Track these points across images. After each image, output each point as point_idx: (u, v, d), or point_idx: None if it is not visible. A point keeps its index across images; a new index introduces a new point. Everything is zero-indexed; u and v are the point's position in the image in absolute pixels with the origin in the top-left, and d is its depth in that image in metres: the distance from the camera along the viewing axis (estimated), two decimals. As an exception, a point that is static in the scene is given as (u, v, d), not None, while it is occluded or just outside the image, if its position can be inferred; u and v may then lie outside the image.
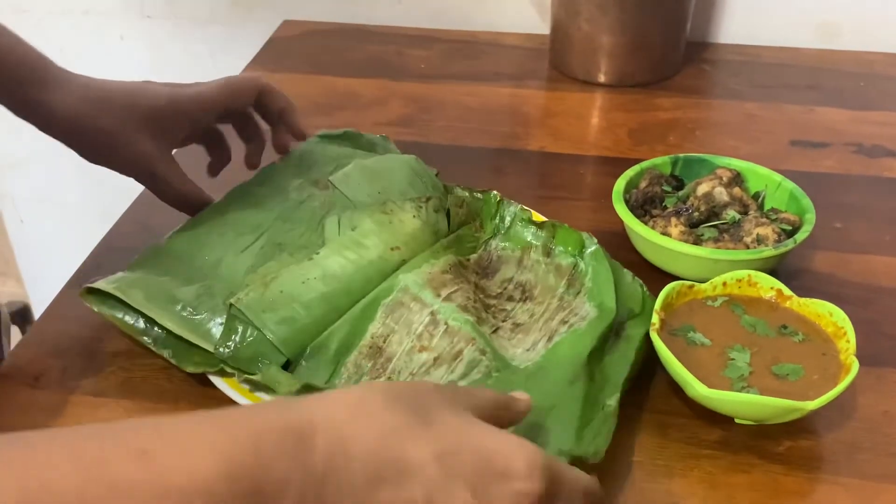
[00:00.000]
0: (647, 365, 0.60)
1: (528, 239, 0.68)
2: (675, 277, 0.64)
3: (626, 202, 0.70)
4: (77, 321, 0.65)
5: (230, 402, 0.57)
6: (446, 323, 0.60)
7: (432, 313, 0.60)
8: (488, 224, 0.70)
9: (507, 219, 0.69)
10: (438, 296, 0.61)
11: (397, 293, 0.61)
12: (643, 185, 0.72)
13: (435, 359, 0.58)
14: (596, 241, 0.65)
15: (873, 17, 1.05)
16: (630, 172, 0.72)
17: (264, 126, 0.73)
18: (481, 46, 1.08)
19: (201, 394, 0.58)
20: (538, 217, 0.70)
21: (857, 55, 1.04)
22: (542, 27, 1.10)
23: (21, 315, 1.59)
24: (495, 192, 0.70)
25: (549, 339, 0.61)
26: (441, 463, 0.38)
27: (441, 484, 0.38)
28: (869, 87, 0.98)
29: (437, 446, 0.39)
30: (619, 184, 0.71)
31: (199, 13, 1.18)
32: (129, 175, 0.66)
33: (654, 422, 0.58)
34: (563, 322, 0.62)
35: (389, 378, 0.58)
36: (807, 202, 0.69)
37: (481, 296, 0.64)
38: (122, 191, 0.78)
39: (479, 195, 0.71)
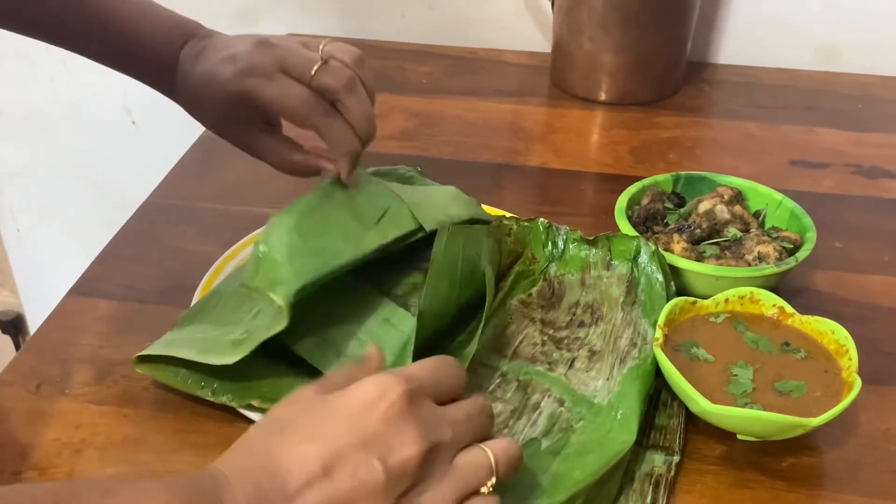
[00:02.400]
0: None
1: (586, 258, 0.68)
2: (678, 293, 0.64)
3: (629, 219, 0.70)
4: (79, 329, 0.65)
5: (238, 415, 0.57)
6: (517, 379, 0.59)
7: (502, 374, 0.60)
8: (541, 252, 0.69)
9: (560, 243, 0.69)
10: (504, 356, 0.61)
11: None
12: (645, 202, 0.73)
13: (512, 411, 0.57)
14: (652, 247, 0.65)
15: (871, 41, 1.06)
16: (632, 189, 0.73)
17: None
18: (482, 63, 1.09)
19: (203, 402, 0.58)
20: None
21: (854, 77, 1.05)
22: (543, 45, 1.11)
23: (14, 324, 1.58)
24: (543, 218, 0.70)
25: (622, 361, 0.60)
26: (315, 438, 0.42)
27: (326, 450, 0.42)
28: (867, 109, 0.99)
29: (303, 426, 0.43)
30: (622, 200, 0.71)
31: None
32: (246, 152, 0.66)
33: (657, 437, 0.58)
34: (633, 344, 0.61)
35: None
36: (807, 221, 0.69)
37: (550, 331, 0.63)
38: (120, 202, 0.78)
39: (526, 223, 0.70)
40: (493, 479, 0.45)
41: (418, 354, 0.60)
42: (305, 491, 0.41)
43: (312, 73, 0.59)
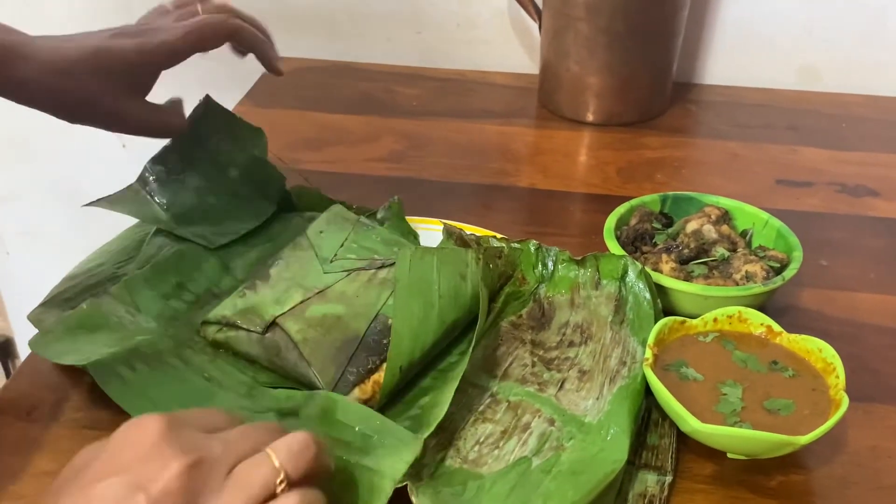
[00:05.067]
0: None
1: (575, 278, 0.68)
2: (667, 313, 0.65)
3: (617, 239, 0.71)
4: (70, 354, 0.65)
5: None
6: (507, 400, 0.59)
7: (492, 395, 0.60)
8: (531, 274, 0.70)
9: (550, 264, 0.70)
10: (494, 377, 0.61)
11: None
12: (633, 222, 0.73)
13: (502, 432, 0.57)
14: (639, 266, 0.66)
15: (851, 61, 1.08)
16: (620, 210, 0.73)
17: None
18: (470, 85, 1.10)
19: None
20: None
21: (837, 97, 1.07)
22: (531, 67, 1.12)
23: (3, 348, 1.58)
24: (533, 240, 0.71)
25: (612, 380, 0.60)
26: (75, 488, 0.41)
27: (85, 498, 0.40)
28: (850, 128, 1.01)
29: (69, 481, 0.42)
30: (610, 221, 0.72)
31: (191, 49, 1.19)
32: (110, 130, 0.67)
33: (648, 456, 0.58)
34: (622, 363, 0.61)
35: (456, 447, 0.56)
36: (794, 240, 0.70)
37: (540, 352, 0.64)
38: (108, 225, 0.78)
39: (516, 245, 0.71)
40: (282, 477, 0.42)
41: (410, 374, 0.60)
42: None
43: (200, 8, 0.69)
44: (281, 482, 0.42)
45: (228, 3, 0.69)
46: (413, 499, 0.50)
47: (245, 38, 0.69)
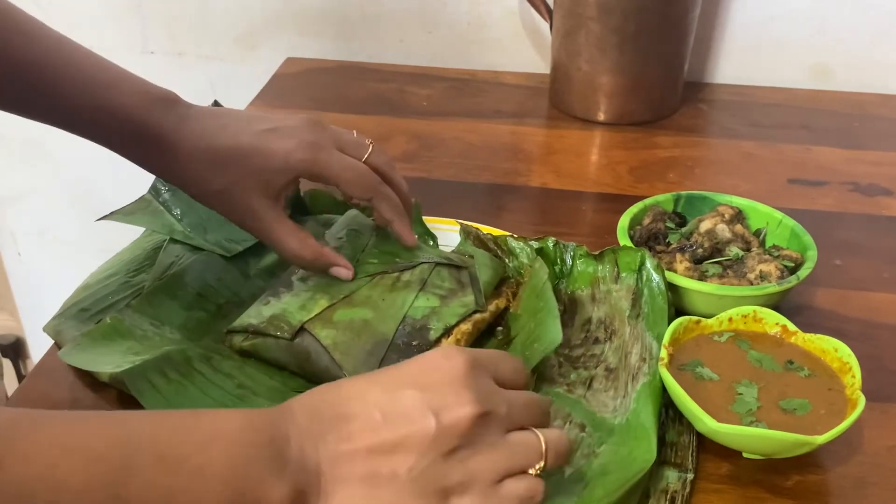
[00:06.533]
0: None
1: (594, 272, 0.69)
2: (680, 312, 0.65)
3: (630, 238, 0.71)
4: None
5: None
6: None
7: None
8: (550, 271, 0.69)
9: (568, 260, 0.70)
10: None
11: None
12: (647, 221, 0.73)
13: None
14: (656, 261, 0.66)
15: (864, 60, 1.08)
16: (633, 209, 0.73)
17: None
18: (482, 85, 1.10)
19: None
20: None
21: (850, 96, 1.06)
22: (541, 66, 1.12)
23: (14, 348, 1.59)
24: (551, 237, 0.71)
25: (634, 378, 0.60)
26: (381, 385, 0.46)
27: (388, 397, 0.45)
28: (863, 127, 1.00)
29: (374, 378, 0.47)
30: (624, 220, 0.72)
31: (202, 50, 1.20)
32: (244, 230, 0.64)
33: (663, 456, 0.58)
34: (643, 359, 0.61)
35: None
36: (808, 239, 0.70)
37: (566, 351, 0.64)
38: (121, 227, 0.78)
39: (534, 243, 0.71)
40: (542, 464, 0.47)
41: None
42: (361, 431, 0.44)
43: (367, 155, 0.65)
44: (539, 468, 0.47)
45: (393, 166, 0.67)
46: None
47: (384, 209, 0.66)
